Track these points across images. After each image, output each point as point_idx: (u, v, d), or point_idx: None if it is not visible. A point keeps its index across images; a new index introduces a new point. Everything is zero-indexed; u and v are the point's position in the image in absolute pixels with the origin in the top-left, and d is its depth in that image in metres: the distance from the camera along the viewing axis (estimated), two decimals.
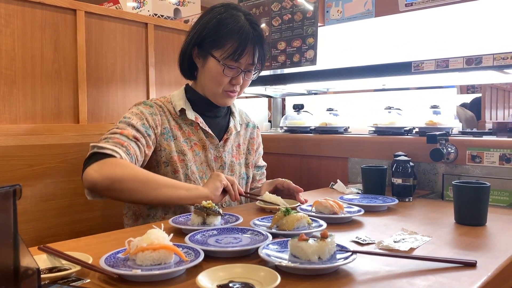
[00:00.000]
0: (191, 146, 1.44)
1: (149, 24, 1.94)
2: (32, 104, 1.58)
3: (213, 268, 0.74)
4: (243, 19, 1.39)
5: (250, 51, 1.39)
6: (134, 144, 1.28)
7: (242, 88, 1.48)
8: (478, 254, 0.91)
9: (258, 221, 1.10)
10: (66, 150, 1.58)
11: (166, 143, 1.39)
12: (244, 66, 1.40)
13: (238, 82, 1.42)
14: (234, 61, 1.37)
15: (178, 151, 1.41)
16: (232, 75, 1.40)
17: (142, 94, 1.93)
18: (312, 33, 2.11)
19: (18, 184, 0.55)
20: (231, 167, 1.52)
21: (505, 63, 1.55)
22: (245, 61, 1.39)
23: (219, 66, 1.38)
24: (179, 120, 1.45)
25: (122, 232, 1.10)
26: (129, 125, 1.32)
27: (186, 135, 1.45)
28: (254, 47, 1.39)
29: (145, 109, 1.40)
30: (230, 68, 1.39)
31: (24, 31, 1.55)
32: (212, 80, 1.42)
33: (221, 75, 1.39)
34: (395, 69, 1.85)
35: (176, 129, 1.43)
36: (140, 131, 1.32)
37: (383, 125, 1.96)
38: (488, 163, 1.56)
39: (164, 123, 1.41)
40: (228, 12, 1.39)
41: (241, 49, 1.36)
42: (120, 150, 1.23)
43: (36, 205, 1.50)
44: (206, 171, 1.46)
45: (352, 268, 0.82)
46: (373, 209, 1.34)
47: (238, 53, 1.35)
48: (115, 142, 1.25)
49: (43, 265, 0.79)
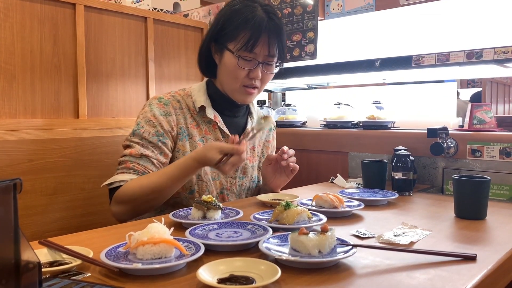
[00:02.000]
0: None
1: (148, 18, 1.93)
2: (32, 99, 1.58)
3: (214, 262, 0.74)
4: (259, 9, 1.32)
5: (265, 40, 1.31)
6: (143, 161, 1.29)
7: (263, 83, 1.40)
8: (478, 248, 0.91)
9: (259, 215, 1.11)
10: (66, 145, 1.58)
11: (181, 143, 1.37)
12: (261, 57, 1.33)
13: (256, 76, 1.34)
14: (248, 51, 1.30)
15: (193, 150, 1.38)
16: (249, 68, 1.33)
17: (141, 89, 1.93)
18: (312, 27, 2.10)
19: (18, 178, 0.55)
20: (243, 169, 1.50)
21: (505, 57, 1.55)
22: (261, 51, 1.32)
23: (233, 58, 1.32)
24: (197, 117, 1.42)
25: (122, 226, 1.10)
26: (141, 138, 1.32)
27: (203, 133, 1.42)
28: (270, 36, 1.31)
29: (159, 110, 1.36)
30: (245, 60, 1.32)
31: (23, 25, 1.54)
32: (229, 74, 1.36)
33: (236, 68, 1.32)
34: (395, 63, 1.85)
35: (192, 127, 1.40)
36: (152, 142, 1.32)
37: (332, 119, 2.12)
38: (488, 157, 1.56)
39: (179, 122, 1.38)
40: (243, 3, 1.35)
41: (255, 38, 1.29)
42: (126, 176, 1.26)
43: (37, 200, 1.50)
44: (218, 172, 1.43)
45: (352, 261, 0.82)
46: (373, 203, 1.34)
47: (252, 42, 1.28)
48: (122, 168, 1.29)
49: (43, 259, 0.79)
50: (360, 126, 2.05)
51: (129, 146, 1.32)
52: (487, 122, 1.71)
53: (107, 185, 1.28)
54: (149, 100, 1.41)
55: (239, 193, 1.49)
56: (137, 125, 1.35)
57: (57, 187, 1.55)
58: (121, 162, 1.31)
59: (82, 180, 1.62)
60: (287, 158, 1.40)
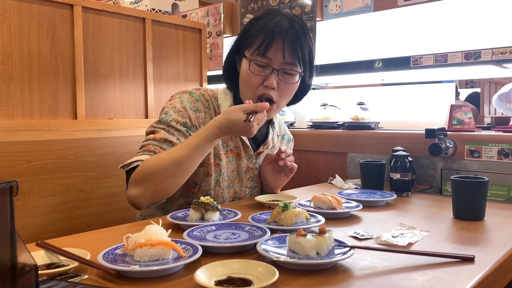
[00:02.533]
0: (227, 151, 1.39)
1: (146, 19, 1.93)
2: (30, 100, 1.57)
3: (211, 264, 0.74)
4: (280, 17, 1.27)
5: (279, 45, 1.23)
6: (166, 145, 1.24)
7: (282, 96, 1.30)
8: (476, 249, 0.91)
9: (257, 216, 1.10)
10: (64, 146, 1.57)
11: None
12: (276, 64, 1.25)
13: (270, 84, 1.25)
14: (260, 56, 1.24)
15: (215, 154, 1.35)
16: (262, 74, 1.26)
17: (140, 90, 1.93)
18: (311, 28, 2.10)
19: (14, 181, 0.55)
20: (258, 179, 1.48)
21: (503, 57, 1.55)
22: (275, 57, 1.24)
23: (246, 64, 1.27)
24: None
25: (120, 228, 1.10)
26: (167, 125, 1.27)
27: (225, 139, 1.38)
28: (285, 41, 1.23)
29: (189, 103, 1.32)
30: (259, 66, 1.25)
31: (21, 26, 1.54)
32: (244, 82, 1.30)
33: (249, 74, 1.26)
34: (394, 64, 1.85)
35: None
36: (180, 130, 1.27)
37: (318, 119, 2.15)
38: (486, 157, 1.56)
39: (206, 121, 1.33)
40: (266, 12, 1.31)
41: (268, 41, 1.22)
42: (144, 156, 1.21)
43: (34, 201, 1.50)
44: (235, 180, 1.42)
45: (350, 263, 0.82)
46: (371, 204, 1.34)
47: (264, 46, 1.22)
48: (143, 150, 1.23)
49: (41, 261, 0.79)
50: (345, 127, 2.08)
51: (153, 132, 1.28)
52: (466, 123, 1.76)
53: (124, 167, 1.23)
54: (179, 93, 1.37)
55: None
56: (165, 114, 1.30)
57: (55, 188, 1.55)
58: (143, 146, 1.25)
59: (80, 181, 1.62)
60: (285, 157, 1.39)
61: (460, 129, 1.73)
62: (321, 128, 2.14)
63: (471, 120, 1.77)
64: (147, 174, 1.17)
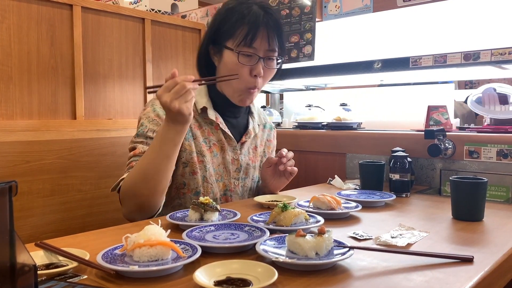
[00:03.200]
0: (210, 146, 1.40)
1: (146, 19, 1.93)
2: (29, 100, 1.57)
3: (211, 264, 0.74)
4: (254, 6, 1.32)
5: (264, 34, 1.29)
6: None
7: (264, 80, 1.37)
8: (475, 250, 0.91)
9: (256, 217, 1.10)
10: (63, 146, 1.57)
11: (187, 143, 1.36)
12: (261, 52, 1.31)
13: (258, 72, 1.31)
14: (247, 46, 1.28)
15: (197, 151, 1.37)
16: (250, 64, 1.30)
17: (139, 90, 1.93)
18: (310, 29, 2.10)
19: (13, 181, 0.55)
20: (246, 170, 1.49)
21: (503, 58, 1.55)
22: (261, 46, 1.30)
23: (233, 55, 1.30)
24: (199, 118, 1.40)
25: (119, 228, 1.10)
26: (145, 137, 1.29)
27: (206, 134, 1.40)
28: (268, 30, 1.30)
29: (162, 110, 1.32)
30: (246, 55, 1.30)
31: (20, 27, 1.54)
32: (230, 73, 1.32)
33: (237, 65, 1.30)
34: (393, 65, 1.85)
35: (195, 128, 1.39)
36: None
37: (303, 120, 2.21)
38: (485, 158, 1.56)
39: None
40: (238, 1, 1.34)
41: (253, 31, 1.27)
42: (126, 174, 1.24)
43: (33, 202, 1.49)
44: (222, 174, 1.43)
45: (350, 263, 0.82)
46: (370, 204, 1.34)
47: (250, 36, 1.27)
48: (128, 169, 1.26)
49: (40, 262, 0.79)
50: (328, 127, 2.13)
51: (133, 148, 1.30)
52: (442, 123, 1.82)
53: (114, 189, 1.26)
54: (151, 101, 1.39)
55: (242, 194, 1.49)
56: (141, 126, 1.32)
57: (54, 188, 1.55)
58: (127, 165, 1.29)
59: (79, 181, 1.62)
60: (286, 162, 1.40)
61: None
62: (306, 128, 2.20)
63: (448, 121, 1.82)
64: (126, 191, 1.20)
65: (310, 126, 2.20)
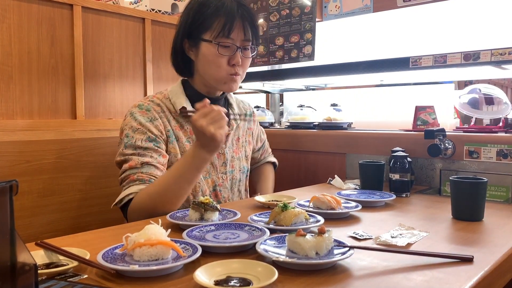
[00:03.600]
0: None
1: (146, 19, 1.93)
2: (29, 100, 1.57)
3: (211, 264, 0.74)
4: None
5: (240, 25, 1.34)
6: (146, 168, 1.27)
7: (244, 68, 1.41)
8: (475, 249, 0.91)
9: (256, 216, 1.11)
10: (63, 146, 1.57)
11: (171, 146, 1.37)
12: (238, 42, 1.35)
13: (237, 61, 1.35)
14: (225, 37, 1.32)
15: (182, 153, 1.38)
16: (229, 54, 1.34)
17: (139, 90, 1.93)
18: (310, 29, 2.10)
19: (14, 180, 0.55)
20: (231, 163, 1.50)
21: (503, 58, 1.55)
22: (238, 36, 1.34)
23: (212, 47, 1.33)
24: (179, 119, 1.41)
25: (119, 228, 1.10)
26: (134, 148, 1.29)
27: (188, 134, 1.41)
28: (243, 21, 1.34)
29: (142, 117, 1.34)
30: (224, 47, 1.33)
31: (21, 26, 1.54)
32: (210, 65, 1.36)
33: (217, 56, 1.33)
34: (393, 65, 1.85)
35: (177, 129, 1.39)
36: (148, 148, 1.30)
37: (295, 120, 2.26)
38: (485, 158, 1.56)
39: (166, 125, 1.37)
40: None
41: (230, 23, 1.31)
42: (134, 188, 1.23)
43: (34, 201, 1.50)
44: (209, 170, 1.44)
45: (350, 263, 0.82)
46: (370, 204, 1.34)
47: (228, 27, 1.31)
48: (127, 182, 1.26)
49: (40, 261, 0.79)
50: (319, 127, 2.15)
51: (125, 161, 1.29)
52: (430, 123, 1.85)
53: (117, 204, 1.26)
54: (129, 110, 1.39)
55: (231, 187, 1.51)
56: (126, 137, 1.32)
57: (54, 188, 1.55)
58: (124, 179, 1.28)
59: (79, 181, 1.62)
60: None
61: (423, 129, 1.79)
62: (298, 128, 2.23)
63: (435, 121, 1.86)
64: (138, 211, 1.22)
65: (301, 126, 2.23)
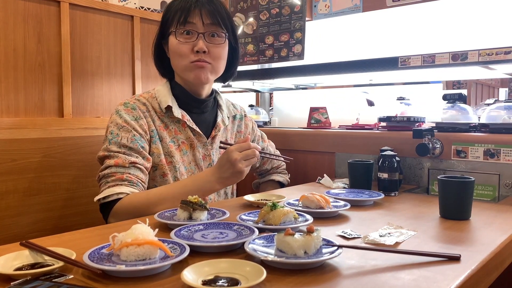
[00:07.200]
0: (179, 145, 1.41)
1: (135, 17, 1.92)
2: (15, 98, 1.55)
3: (198, 263, 0.74)
4: None
5: (197, 10, 1.34)
6: (133, 170, 1.26)
7: (214, 59, 1.38)
8: (462, 248, 0.92)
9: (245, 215, 1.10)
10: (50, 144, 1.55)
11: (154, 146, 1.36)
12: (200, 28, 1.35)
13: (200, 48, 1.34)
14: (182, 24, 1.33)
15: (165, 153, 1.37)
16: (190, 41, 1.35)
17: (127, 88, 1.91)
18: (300, 28, 2.10)
19: None
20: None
21: (490, 59, 1.57)
22: (197, 21, 1.34)
23: (173, 37, 1.36)
24: (164, 118, 1.40)
25: (106, 228, 1.09)
26: (119, 146, 1.28)
27: (173, 133, 1.40)
28: (202, 6, 1.35)
29: (128, 115, 1.34)
30: (183, 33, 1.34)
31: (6, 23, 1.52)
32: (175, 56, 1.37)
33: (178, 44, 1.35)
34: (382, 64, 1.86)
35: (161, 129, 1.39)
36: (133, 148, 1.29)
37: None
38: (472, 158, 1.58)
39: (150, 125, 1.37)
40: None
41: (186, 11, 1.33)
42: (123, 188, 1.22)
43: (19, 200, 1.47)
44: (194, 171, 1.43)
45: (338, 262, 0.82)
46: (359, 203, 1.35)
47: (184, 15, 1.33)
48: (114, 180, 1.24)
49: (25, 261, 0.78)
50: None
51: (109, 157, 1.28)
52: (322, 122, 2.12)
53: (100, 200, 1.24)
54: (115, 108, 1.38)
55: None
56: (111, 134, 1.31)
57: (41, 187, 1.53)
58: (108, 175, 1.25)
59: (66, 180, 1.60)
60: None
61: (317, 127, 2.11)
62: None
63: (327, 120, 2.12)
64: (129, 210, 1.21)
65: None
